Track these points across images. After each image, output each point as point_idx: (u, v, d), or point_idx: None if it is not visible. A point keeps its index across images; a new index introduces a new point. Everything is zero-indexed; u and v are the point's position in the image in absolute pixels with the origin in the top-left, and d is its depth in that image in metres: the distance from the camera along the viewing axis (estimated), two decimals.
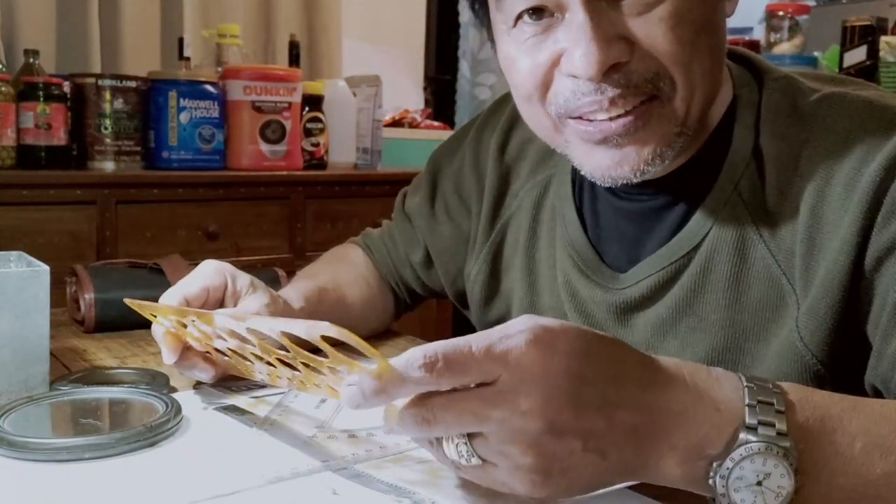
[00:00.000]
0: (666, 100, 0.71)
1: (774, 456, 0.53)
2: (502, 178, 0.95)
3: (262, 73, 2.37)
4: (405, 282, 1.07)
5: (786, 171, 0.74)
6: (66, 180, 2.03)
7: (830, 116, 0.73)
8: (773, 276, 0.73)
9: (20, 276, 0.75)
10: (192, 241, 2.15)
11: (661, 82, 0.70)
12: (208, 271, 0.86)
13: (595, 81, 0.69)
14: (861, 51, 2.11)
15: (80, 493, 0.59)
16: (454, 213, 1.00)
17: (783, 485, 0.53)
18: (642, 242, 0.80)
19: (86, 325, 1.03)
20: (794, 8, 2.39)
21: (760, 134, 0.76)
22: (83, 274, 1.05)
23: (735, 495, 0.53)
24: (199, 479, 0.61)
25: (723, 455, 0.53)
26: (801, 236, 0.71)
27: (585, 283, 0.83)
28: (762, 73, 0.79)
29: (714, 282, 0.75)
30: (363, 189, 2.47)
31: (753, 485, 0.53)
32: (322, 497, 0.59)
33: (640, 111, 0.70)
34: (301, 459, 0.65)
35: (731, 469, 0.53)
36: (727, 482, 0.53)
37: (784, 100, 0.76)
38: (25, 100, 2.06)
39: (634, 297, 0.79)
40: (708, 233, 0.76)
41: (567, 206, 0.87)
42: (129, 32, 2.55)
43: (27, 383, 0.76)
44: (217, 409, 0.76)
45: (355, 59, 3.06)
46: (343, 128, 2.62)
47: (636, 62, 0.69)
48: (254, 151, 2.34)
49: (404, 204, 1.07)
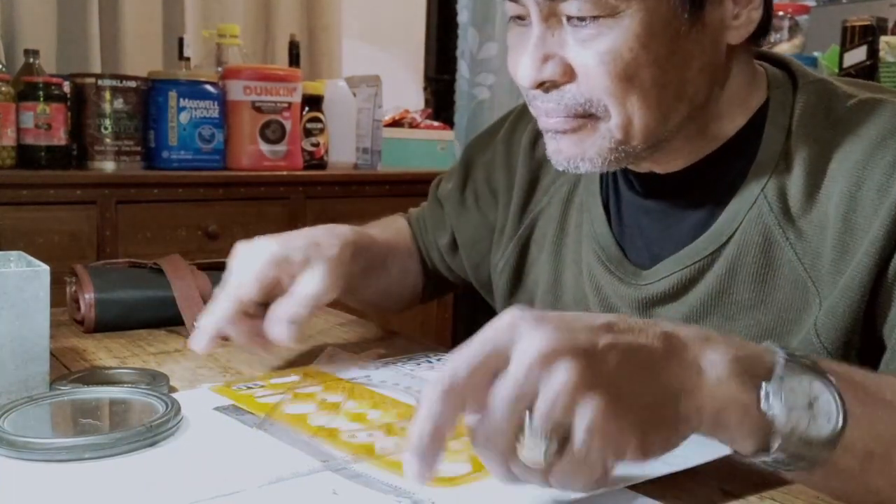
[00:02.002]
0: (601, 121, 0.73)
1: (820, 378, 0.53)
2: (533, 172, 0.97)
3: (262, 73, 2.37)
4: (434, 264, 1.10)
5: (815, 174, 0.74)
6: (66, 180, 2.04)
7: (865, 122, 0.73)
8: (799, 279, 0.73)
9: (20, 275, 0.75)
10: (192, 241, 2.15)
11: (594, 109, 0.73)
12: (262, 268, 0.82)
13: (532, 90, 0.74)
14: (861, 51, 2.11)
15: (80, 493, 0.59)
16: (483, 203, 1.02)
17: (832, 411, 0.53)
18: (665, 240, 0.81)
19: (86, 325, 1.03)
20: (794, 8, 2.39)
21: (792, 135, 0.76)
22: (83, 274, 1.05)
23: (791, 414, 0.52)
24: (199, 480, 0.61)
25: (768, 375, 0.53)
26: (832, 241, 0.71)
27: (609, 278, 0.84)
28: (797, 75, 0.79)
29: (739, 283, 0.76)
30: (363, 189, 2.47)
31: (805, 406, 0.52)
32: (322, 497, 0.58)
33: (571, 124, 0.74)
34: (301, 459, 0.65)
35: (782, 387, 0.52)
36: (782, 396, 0.52)
37: (819, 103, 0.77)
38: (25, 100, 2.07)
39: (657, 293, 0.80)
40: (734, 233, 0.76)
41: (594, 202, 0.88)
42: (129, 32, 2.55)
43: (27, 383, 0.76)
44: (217, 409, 0.76)
45: (355, 59, 3.06)
46: (343, 128, 2.62)
47: (570, 86, 0.72)
48: (254, 151, 2.34)
49: (438, 189, 1.10)
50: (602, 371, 0.49)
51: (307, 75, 2.73)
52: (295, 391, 0.79)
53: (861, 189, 0.71)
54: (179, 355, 0.93)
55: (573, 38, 0.71)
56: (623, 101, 0.71)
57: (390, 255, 1.04)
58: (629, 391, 0.50)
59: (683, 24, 0.71)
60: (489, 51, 2.63)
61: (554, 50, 0.72)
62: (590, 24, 0.70)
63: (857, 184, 0.71)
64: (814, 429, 0.52)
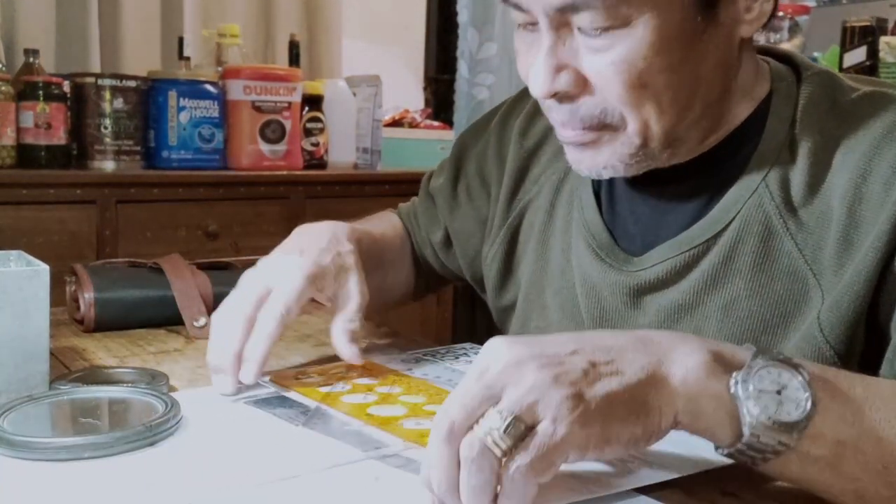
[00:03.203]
0: (618, 130, 0.73)
1: (789, 369, 0.55)
2: (522, 161, 0.96)
3: (262, 72, 2.37)
4: (426, 261, 1.09)
5: (819, 165, 0.73)
6: (66, 180, 2.04)
7: (870, 115, 0.73)
8: (798, 270, 0.73)
9: (20, 275, 0.75)
10: (192, 240, 2.15)
11: (609, 119, 0.72)
12: (303, 290, 0.82)
13: (546, 100, 0.74)
14: (861, 51, 2.11)
15: (80, 492, 0.59)
16: (475, 195, 1.02)
17: (800, 398, 0.54)
18: (660, 227, 0.80)
19: (85, 325, 1.03)
20: (794, 8, 2.39)
21: (797, 126, 0.76)
22: (83, 273, 1.05)
23: (758, 400, 0.53)
24: (199, 479, 0.61)
25: (740, 366, 0.55)
26: (835, 234, 0.71)
27: (599, 265, 0.83)
28: (801, 68, 0.79)
29: (735, 271, 0.75)
30: (363, 189, 2.47)
31: (774, 392, 0.54)
32: (364, 483, 0.60)
33: (589, 136, 0.74)
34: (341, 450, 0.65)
35: (749, 375, 0.54)
36: (749, 385, 0.54)
37: (824, 94, 0.76)
38: (25, 99, 2.07)
39: (649, 279, 0.79)
40: (732, 221, 0.75)
41: (585, 190, 0.88)
42: (129, 32, 2.55)
43: (27, 382, 0.76)
44: (250, 401, 0.76)
45: (355, 59, 3.06)
46: (343, 128, 2.62)
47: (586, 97, 0.72)
48: (254, 151, 2.34)
49: (429, 184, 1.09)
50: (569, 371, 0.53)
51: (307, 75, 2.73)
52: (354, 381, 0.81)
53: (867, 182, 0.70)
54: (179, 355, 0.93)
55: (585, 47, 0.70)
56: (639, 108, 0.71)
57: (386, 253, 1.03)
58: (593, 382, 0.53)
59: (697, 26, 0.70)
60: (489, 51, 2.64)
61: (566, 60, 0.71)
62: (602, 35, 0.69)
63: (862, 176, 0.71)
64: (783, 413, 0.53)
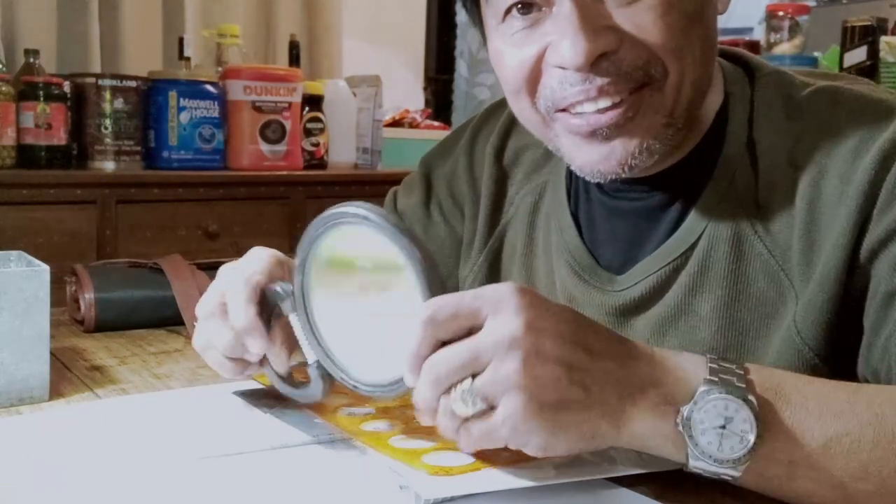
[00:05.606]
0: (657, 87, 0.70)
1: (735, 400, 0.56)
2: (499, 183, 0.94)
3: (262, 73, 2.38)
4: None
5: (779, 165, 0.74)
6: (66, 180, 2.04)
7: (823, 110, 0.73)
8: (771, 271, 0.73)
9: (20, 275, 0.75)
10: (192, 240, 2.15)
11: (652, 69, 0.70)
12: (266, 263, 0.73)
13: (583, 71, 0.69)
14: (861, 51, 2.11)
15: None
16: (449, 215, 0.99)
17: (746, 430, 0.56)
18: (638, 243, 0.80)
19: (86, 325, 1.03)
20: (794, 8, 2.39)
21: (754, 128, 0.76)
22: (83, 274, 1.05)
23: (701, 438, 0.56)
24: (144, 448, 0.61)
25: (687, 400, 0.57)
26: (798, 232, 0.71)
27: (583, 287, 0.82)
28: (753, 69, 0.79)
29: (712, 280, 0.75)
30: (363, 189, 2.47)
31: (718, 427, 0.56)
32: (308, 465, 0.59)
33: (630, 101, 0.70)
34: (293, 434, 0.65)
35: (693, 411, 0.56)
36: (692, 424, 0.56)
37: (777, 94, 0.76)
38: (25, 99, 2.07)
39: (633, 298, 0.78)
40: (704, 231, 0.75)
41: (562, 212, 0.86)
42: (129, 32, 2.55)
43: (27, 383, 0.76)
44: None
45: (355, 59, 3.06)
46: (343, 128, 2.62)
47: (625, 51, 0.69)
48: (254, 151, 2.34)
49: (396, 203, 1.04)
50: (541, 377, 0.55)
51: (307, 75, 2.73)
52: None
53: (824, 178, 0.70)
54: (179, 355, 0.94)
55: (616, 3, 0.69)
56: (680, 54, 0.70)
57: None
58: (556, 399, 0.56)
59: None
60: None
61: (599, 21, 0.69)
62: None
63: (820, 172, 0.71)
64: (725, 450, 0.56)
